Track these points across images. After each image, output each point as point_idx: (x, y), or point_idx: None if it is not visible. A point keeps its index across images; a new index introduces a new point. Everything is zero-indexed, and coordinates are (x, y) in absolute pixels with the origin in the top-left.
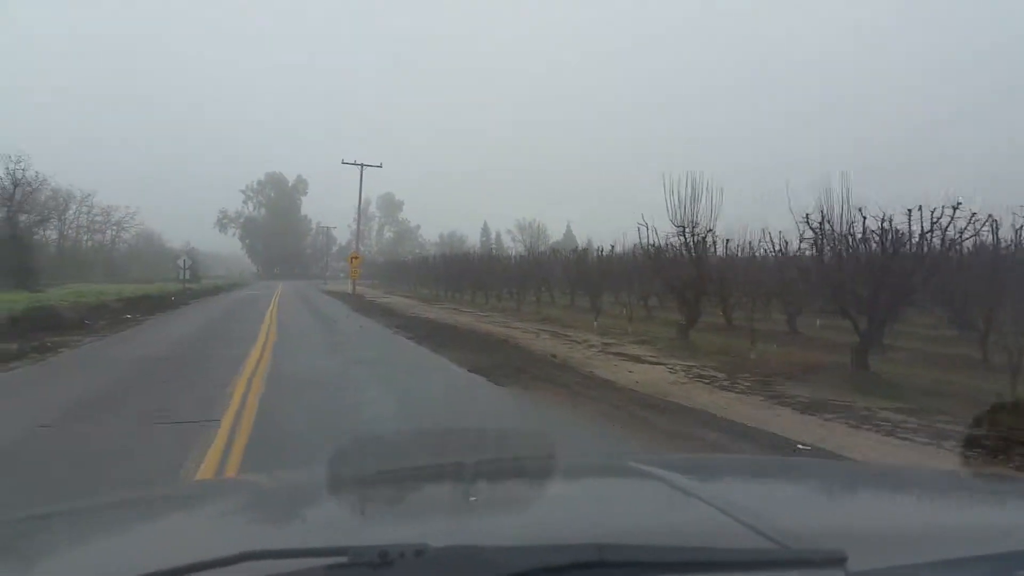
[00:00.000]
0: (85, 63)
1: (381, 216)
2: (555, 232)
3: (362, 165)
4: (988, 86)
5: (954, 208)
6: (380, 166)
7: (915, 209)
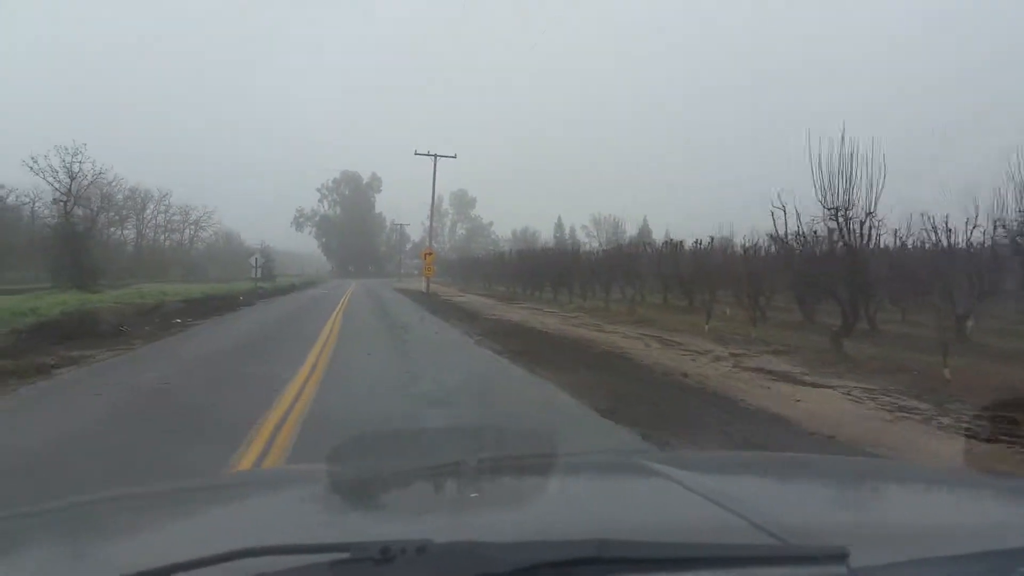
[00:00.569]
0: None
1: (454, 213)
2: (631, 227)
3: (435, 156)
4: None
5: None
6: (454, 156)
7: None
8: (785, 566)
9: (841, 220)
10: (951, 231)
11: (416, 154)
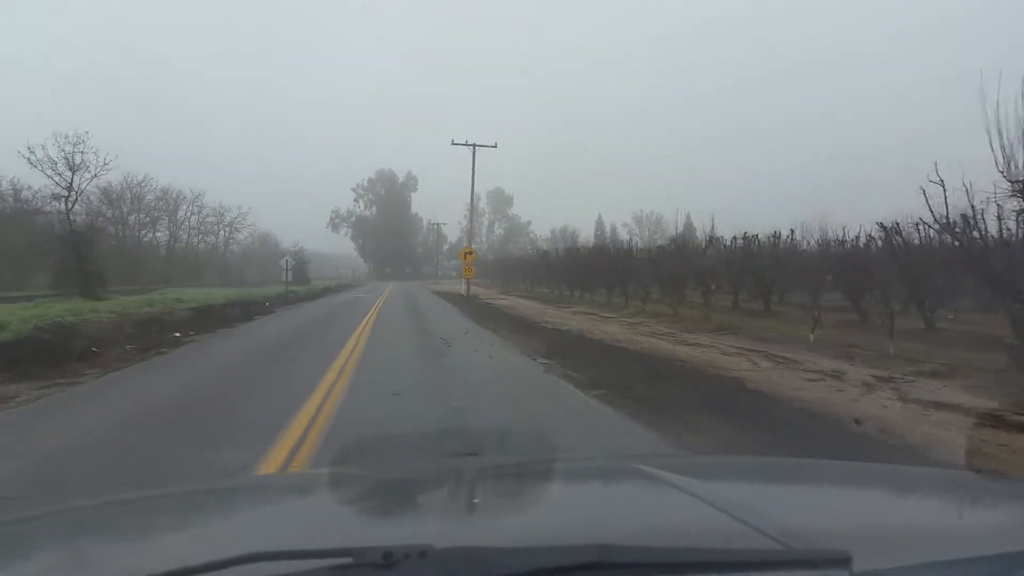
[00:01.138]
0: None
1: (491, 212)
2: (674, 224)
3: (474, 145)
4: None
5: None
6: (495, 146)
7: None
8: (787, 570)
9: None
10: None
11: (453, 144)
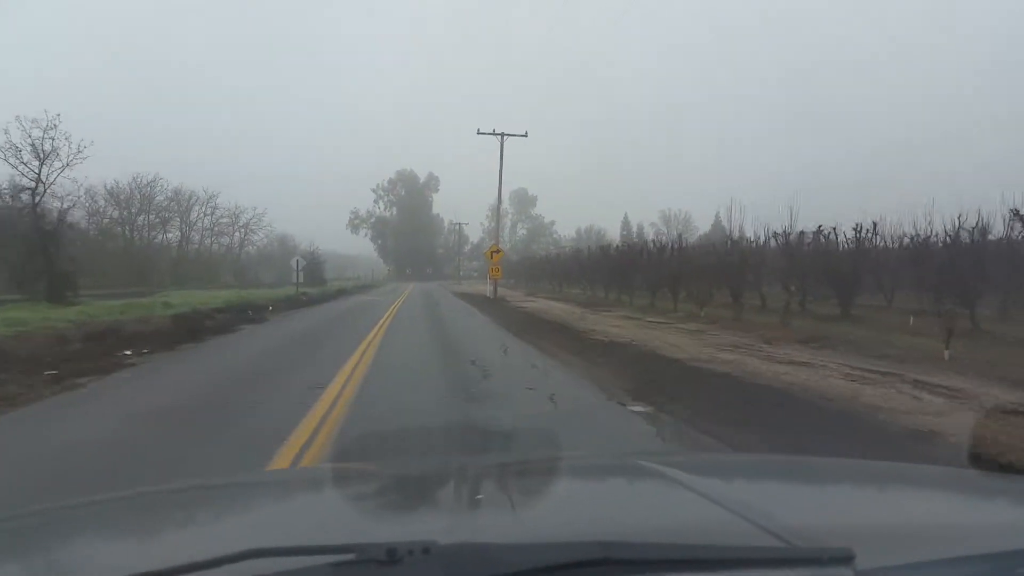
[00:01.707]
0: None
1: (514, 212)
2: (703, 223)
3: (502, 135)
4: None
5: None
6: (525, 135)
7: None
8: (790, 568)
9: None
10: None
11: (479, 133)
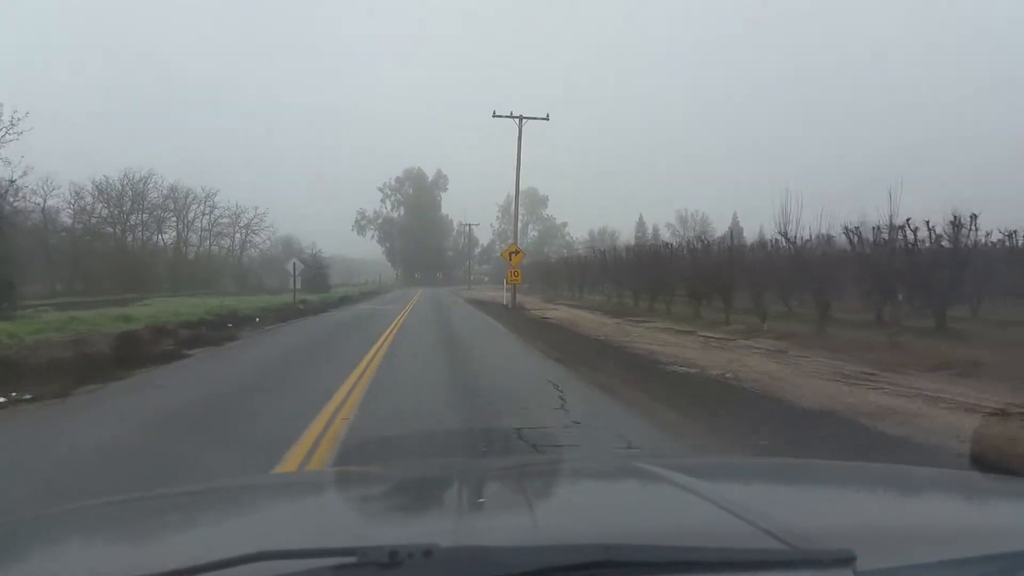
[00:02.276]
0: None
1: (525, 213)
2: (720, 224)
3: (520, 117)
4: None
5: None
6: (546, 118)
7: None
8: (792, 570)
9: None
10: None
11: (495, 116)
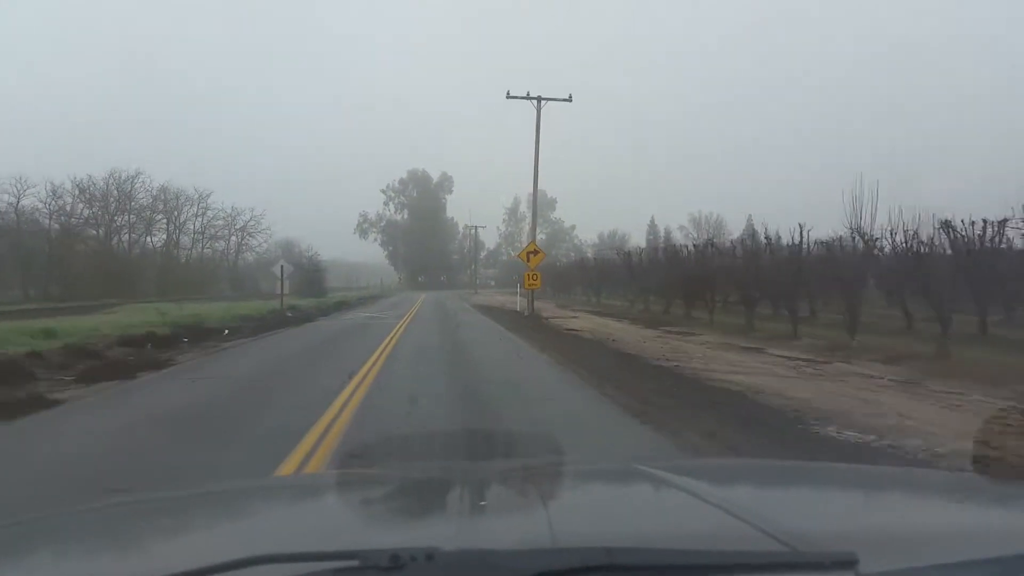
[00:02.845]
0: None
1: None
2: (734, 227)
3: (539, 98)
4: None
5: None
6: (568, 99)
7: None
8: (794, 573)
9: None
10: None
11: (509, 97)
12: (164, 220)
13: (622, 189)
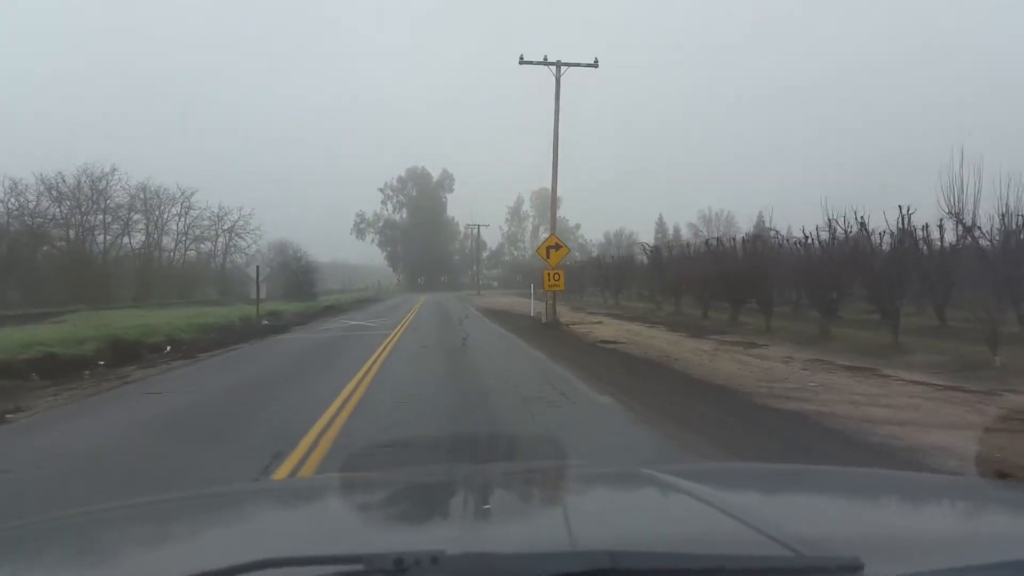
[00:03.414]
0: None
1: (536, 215)
2: (744, 224)
3: (557, 64)
4: None
5: None
6: (595, 64)
7: None
8: None
9: None
10: None
11: (522, 63)
12: (143, 220)
13: (627, 188)
